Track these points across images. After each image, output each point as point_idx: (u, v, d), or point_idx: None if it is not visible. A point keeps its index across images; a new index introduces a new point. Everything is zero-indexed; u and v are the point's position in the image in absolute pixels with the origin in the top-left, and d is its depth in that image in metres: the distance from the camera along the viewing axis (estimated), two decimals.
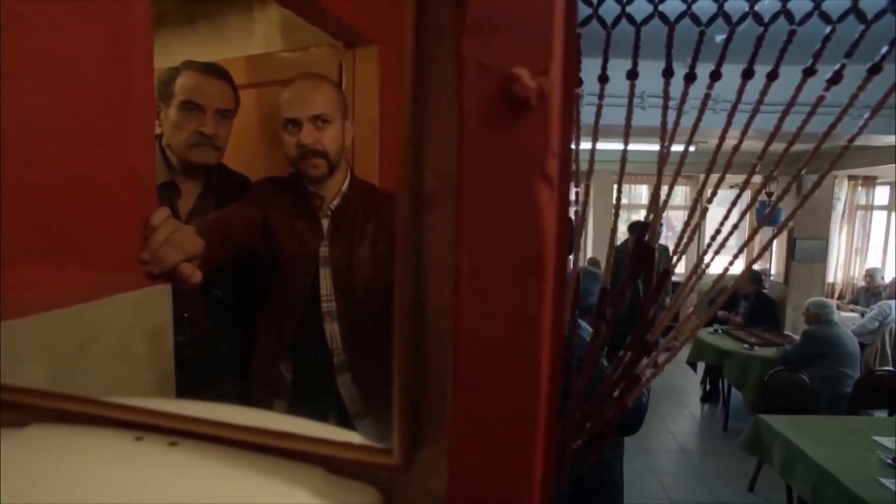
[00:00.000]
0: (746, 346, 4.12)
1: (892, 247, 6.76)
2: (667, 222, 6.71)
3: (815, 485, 2.16)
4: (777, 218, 4.50)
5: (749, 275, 4.59)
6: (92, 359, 0.71)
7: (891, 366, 4.55)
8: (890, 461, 2.14)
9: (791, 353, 3.67)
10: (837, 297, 6.63)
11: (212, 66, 1.29)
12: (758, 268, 5.78)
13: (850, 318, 5.27)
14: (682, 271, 4.23)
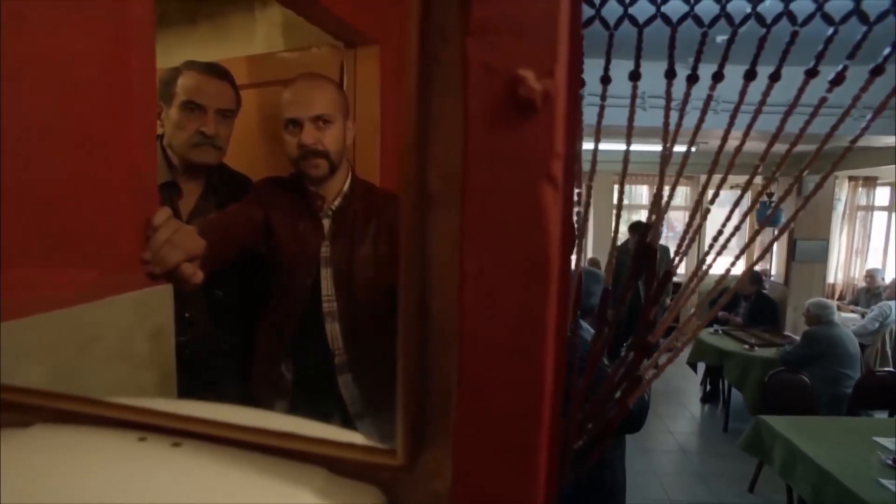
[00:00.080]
0: (747, 346, 4.12)
1: (893, 247, 6.76)
2: (667, 223, 6.72)
3: (815, 485, 2.16)
4: (778, 219, 4.50)
5: (749, 275, 4.58)
6: (93, 359, 0.71)
7: (891, 366, 4.55)
8: (890, 462, 2.14)
9: (791, 353, 3.67)
10: (838, 297, 6.63)
11: (213, 66, 1.29)
12: (758, 268, 5.78)
13: (850, 318, 5.28)
14: (682, 272, 4.23)
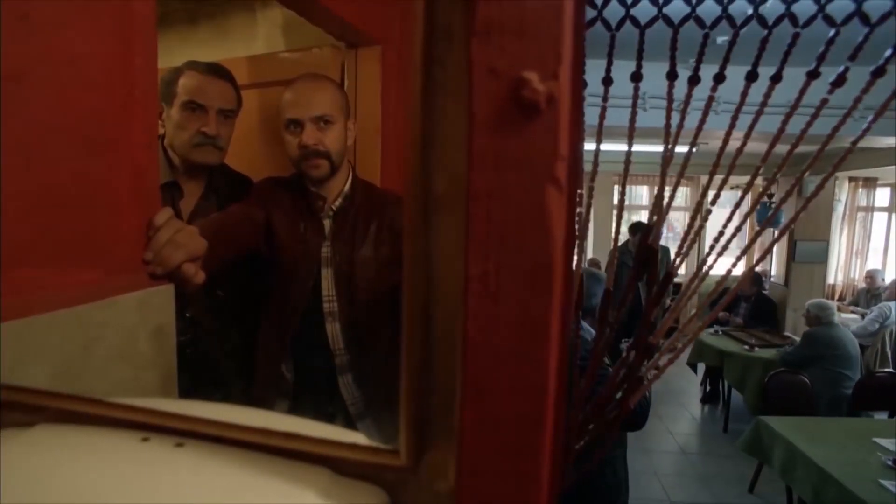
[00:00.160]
0: (747, 347, 4.12)
1: (893, 248, 6.76)
2: (667, 223, 6.71)
3: (815, 486, 2.16)
4: (778, 220, 4.49)
5: (750, 276, 4.58)
6: (96, 359, 0.71)
7: (891, 367, 4.55)
8: (890, 463, 2.14)
9: (791, 354, 3.67)
10: (838, 298, 6.63)
11: (214, 67, 1.29)
12: (758, 269, 5.78)
13: (850, 319, 5.28)
14: (682, 272, 4.23)
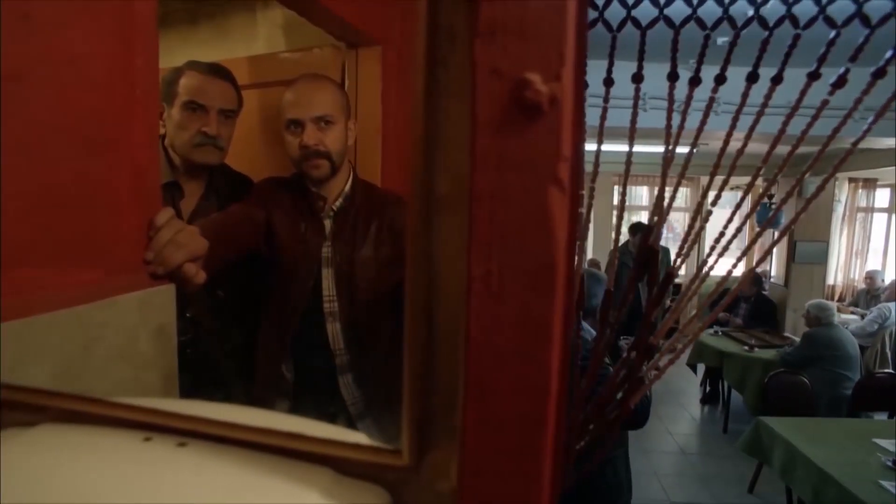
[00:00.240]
0: (746, 347, 4.12)
1: (893, 249, 6.76)
2: (667, 224, 6.71)
3: (815, 487, 2.16)
4: (778, 221, 4.49)
5: (750, 277, 4.58)
6: (96, 359, 0.71)
7: (891, 368, 4.55)
8: (890, 463, 2.14)
9: (791, 354, 3.67)
10: (837, 299, 6.64)
11: (215, 67, 1.29)
12: (758, 270, 5.79)
13: (850, 320, 5.27)
14: (682, 273, 4.23)
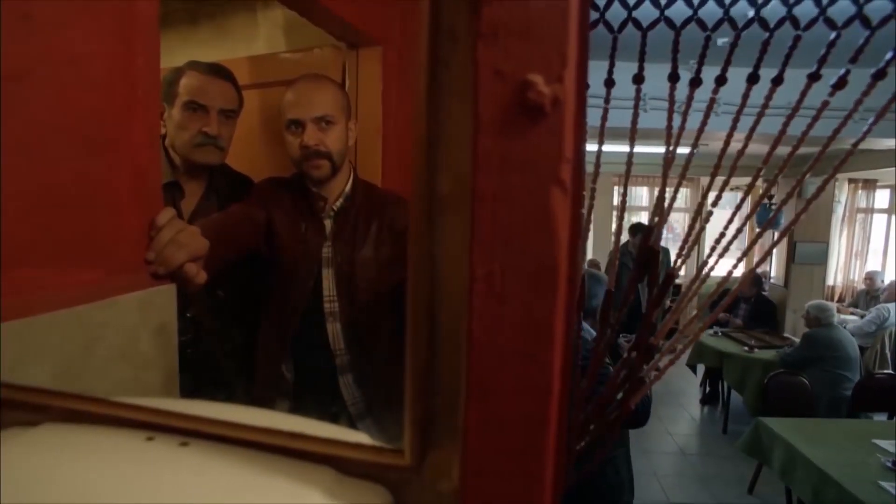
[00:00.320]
0: (746, 348, 4.12)
1: (893, 250, 6.76)
2: (667, 225, 6.72)
3: (814, 487, 2.16)
4: (778, 222, 4.50)
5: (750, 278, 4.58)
6: (97, 359, 0.71)
7: (890, 369, 4.55)
8: (890, 464, 2.14)
9: (791, 355, 3.67)
10: (837, 300, 6.64)
11: (215, 67, 1.29)
12: (758, 270, 5.79)
13: (849, 321, 5.27)
14: (682, 274, 4.23)
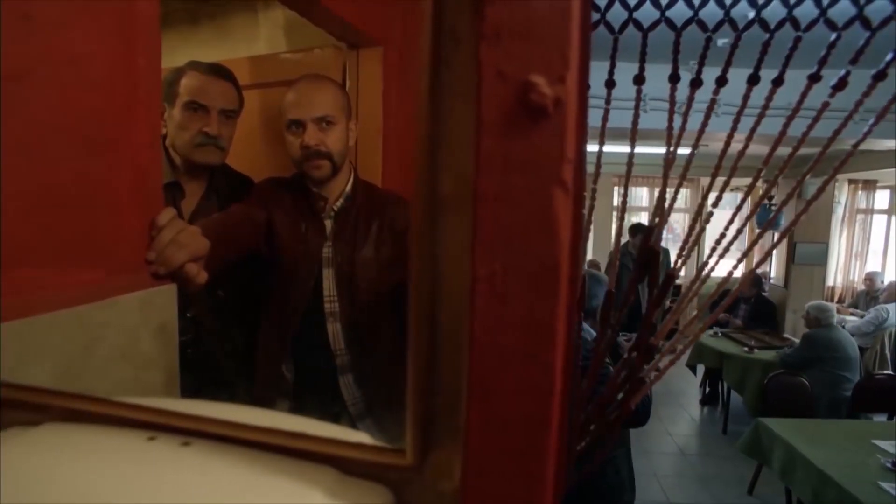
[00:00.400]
0: (746, 348, 4.12)
1: (893, 250, 6.76)
2: (667, 225, 6.72)
3: (814, 488, 2.16)
4: (778, 222, 4.50)
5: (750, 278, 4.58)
6: (97, 359, 0.71)
7: (890, 370, 4.55)
8: (890, 465, 2.14)
9: (791, 356, 3.67)
10: (837, 300, 6.64)
11: (216, 67, 1.29)
12: (758, 271, 5.79)
13: (848, 321, 5.27)
14: (682, 274, 4.23)
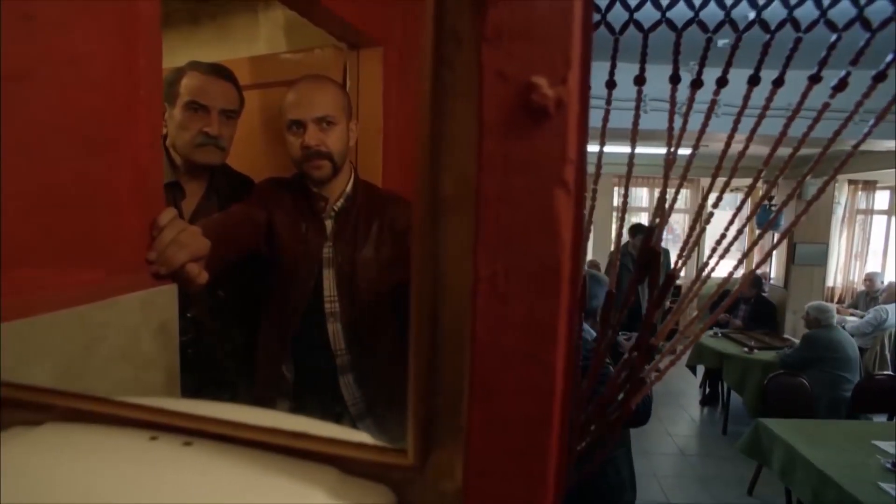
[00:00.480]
0: (746, 349, 4.12)
1: (892, 251, 6.76)
2: (667, 225, 6.72)
3: (814, 489, 2.16)
4: (779, 223, 4.50)
5: (749, 279, 4.58)
6: (98, 359, 0.71)
7: (890, 370, 4.55)
8: (889, 466, 2.14)
9: (791, 356, 3.67)
10: (837, 301, 6.64)
11: (217, 67, 1.30)
12: (758, 272, 5.79)
13: (848, 321, 5.27)
14: (682, 275, 4.23)
